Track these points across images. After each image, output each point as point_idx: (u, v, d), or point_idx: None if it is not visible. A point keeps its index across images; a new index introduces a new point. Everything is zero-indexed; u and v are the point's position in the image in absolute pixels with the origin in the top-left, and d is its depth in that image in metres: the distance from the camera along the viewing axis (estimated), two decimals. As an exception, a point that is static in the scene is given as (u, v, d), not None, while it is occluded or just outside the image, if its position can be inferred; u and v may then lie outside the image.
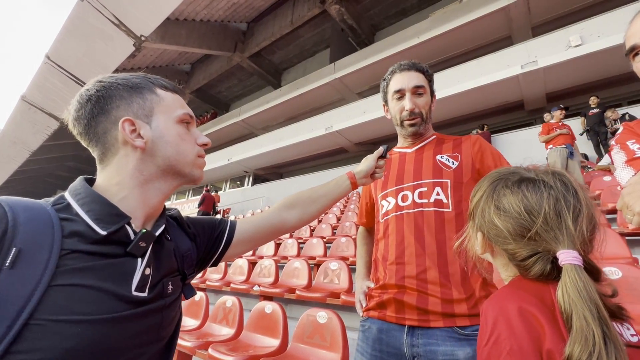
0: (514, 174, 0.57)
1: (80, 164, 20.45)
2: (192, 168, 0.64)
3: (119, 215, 0.54)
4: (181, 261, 0.66)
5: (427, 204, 0.96)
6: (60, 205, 0.53)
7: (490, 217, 0.56)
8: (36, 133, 12.45)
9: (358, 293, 1.09)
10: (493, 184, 0.58)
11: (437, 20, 9.80)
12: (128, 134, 0.57)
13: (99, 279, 0.49)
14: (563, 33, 7.19)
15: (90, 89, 0.58)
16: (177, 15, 11.43)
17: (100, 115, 0.57)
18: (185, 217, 0.74)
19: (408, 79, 1.06)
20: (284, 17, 12.58)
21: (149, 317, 0.55)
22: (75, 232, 0.50)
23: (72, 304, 0.45)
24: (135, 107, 0.59)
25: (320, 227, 5.67)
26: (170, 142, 0.61)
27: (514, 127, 9.25)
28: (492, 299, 0.52)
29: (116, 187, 0.57)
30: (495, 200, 0.56)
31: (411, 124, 1.06)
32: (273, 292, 3.09)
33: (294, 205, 0.86)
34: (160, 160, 0.60)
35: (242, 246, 0.79)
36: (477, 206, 0.60)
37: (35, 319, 0.43)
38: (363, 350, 0.95)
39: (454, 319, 0.84)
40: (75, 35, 8.20)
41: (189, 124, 0.65)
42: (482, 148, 1.02)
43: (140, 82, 0.61)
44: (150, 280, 0.56)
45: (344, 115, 11.14)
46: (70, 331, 0.45)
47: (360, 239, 1.29)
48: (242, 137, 16.30)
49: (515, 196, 0.53)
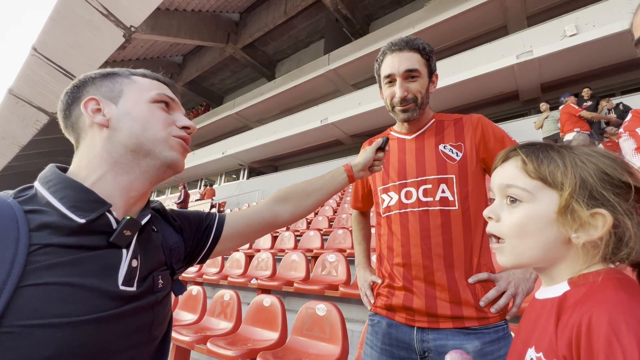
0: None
1: (71, 159, 20.06)
2: (164, 148, 0.57)
3: (97, 202, 0.49)
4: (169, 255, 0.62)
5: (432, 202, 0.92)
6: (23, 197, 0.47)
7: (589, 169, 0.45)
8: (25, 127, 12.18)
9: (362, 285, 1.07)
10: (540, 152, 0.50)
11: (432, 10, 9.70)
12: (90, 113, 0.55)
13: (79, 275, 0.44)
14: (558, 22, 7.17)
15: (73, 83, 0.58)
16: (167, 5, 11.17)
17: (73, 104, 0.57)
18: (169, 209, 0.70)
19: (399, 62, 0.94)
20: (277, 7, 12.36)
21: (140, 314, 0.50)
22: (46, 224, 0.44)
23: (48, 306, 0.40)
24: (104, 90, 0.57)
25: (317, 219, 5.67)
26: (138, 119, 0.56)
27: (508, 117, 9.27)
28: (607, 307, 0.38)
29: (85, 170, 0.53)
30: (569, 156, 0.47)
31: (403, 110, 0.96)
32: (271, 285, 3.09)
33: (288, 199, 0.82)
34: (126, 138, 0.55)
35: (233, 241, 0.74)
36: (570, 183, 0.45)
37: (3, 327, 0.38)
38: (372, 344, 0.94)
39: (463, 321, 0.84)
40: (62, 27, 7.98)
41: (168, 106, 0.61)
42: (484, 132, 0.96)
43: (117, 71, 0.60)
44: (138, 273, 0.51)
45: (339, 107, 11.06)
46: (48, 337, 0.39)
47: (355, 223, 1.25)
48: (237, 130, 16.13)
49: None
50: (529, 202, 0.48)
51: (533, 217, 0.48)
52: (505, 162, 0.53)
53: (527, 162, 0.49)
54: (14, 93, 10.40)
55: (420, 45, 0.96)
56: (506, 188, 0.51)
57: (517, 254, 0.49)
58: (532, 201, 0.48)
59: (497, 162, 0.55)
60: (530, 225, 0.48)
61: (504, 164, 0.54)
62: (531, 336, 0.48)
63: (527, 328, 0.51)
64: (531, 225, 0.48)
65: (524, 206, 0.49)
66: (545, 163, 0.48)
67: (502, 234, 0.50)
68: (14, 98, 10.57)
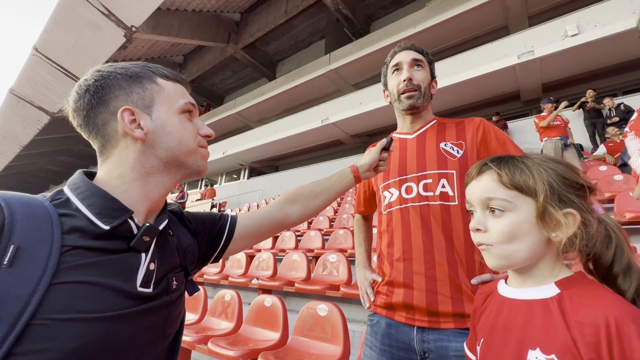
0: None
1: (72, 159, 20.17)
2: (196, 159, 0.62)
3: (121, 209, 0.52)
4: (184, 257, 0.65)
5: (432, 197, 0.93)
6: (58, 201, 0.51)
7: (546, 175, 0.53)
8: (26, 127, 12.22)
9: (362, 284, 1.07)
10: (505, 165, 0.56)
11: (433, 9, 9.69)
12: (127, 125, 0.55)
13: (102, 275, 0.47)
14: (560, 22, 7.15)
15: (89, 79, 0.56)
16: (168, 5, 11.17)
17: (99, 106, 0.55)
18: (186, 212, 0.72)
19: (407, 55, 1.06)
20: (278, 6, 12.35)
21: (155, 313, 0.54)
22: (76, 227, 0.48)
23: (76, 302, 0.44)
24: (135, 97, 0.57)
25: (318, 219, 5.66)
26: (172, 133, 0.59)
27: (509, 117, 9.26)
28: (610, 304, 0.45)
29: (117, 180, 0.56)
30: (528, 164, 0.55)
31: (408, 95, 1.02)
32: (272, 285, 3.08)
33: (297, 200, 0.85)
34: (162, 152, 0.58)
35: (244, 241, 0.77)
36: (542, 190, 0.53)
37: (37, 319, 0.41)
38: (372, 345, 0.93)
39: (465, 320, 0.83)
40: (64, 27, 7.99)
41: (191, 113, 0.63)
42: (485, 133, 0.98)
43: (140, 71, 0.59)
44: (155, 275, 0.55)
45: (340, 107, 11.05)
46: (76, 330, 0.43)
47: (357, 226, 1.27)
48: (237, 129, 16.14)
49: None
50: (511, 210, 0.53)
51: (518, 224, 0.52)
52: (480, 176, 0.58)
53: (502, 174, 0.54)
54: (15, 93, 10.42)
55: (423, 50, 1.09)
56: (487, 200, 0.55)
57: (505, 257, 0.53)
58: (514, 210, 0.53)
59: (470, 176, 0.60)
60: (517, 231, 0.52)
61: (480, 178, 0.58)
62: (528, 337, 0.50)
63: (514, 327, 0.52)
64: (517, 231, 0.52)
65: (508, 215, 0.53)
66: (517, 173, 0.54)
67: (492, 243, 0.54)
68: (15, 98, 10.59)
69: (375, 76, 11.64)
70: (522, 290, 0.55)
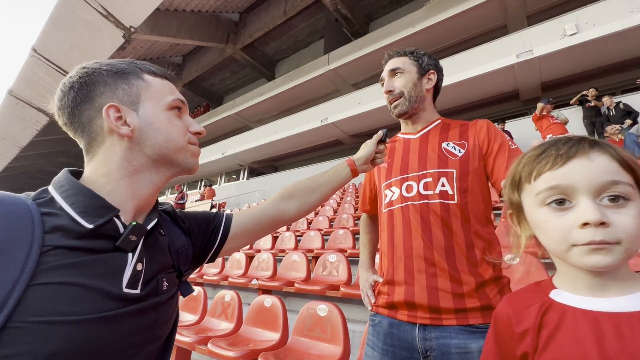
0: None
1: (71, 160, 20.12)
2: (185, 156, 0.61)
3: (106, 208, 0.50)
4: (176, 257, 0.63)
5: (432, 195, 0.93)
6: (42, 200, 0.49)
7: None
8: (25, 128, 12.20)
9: (364, 286, 1.07)
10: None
11: (432, 9, 9.69)
12: (113, 122, 0.53)
13: (85, 276, 0.45)
14: (558, 22, 7.16)
15: (73, 76, 0.54)
16: (167, 5, 11.16)
17: (83, 103, 0.54)
18: (179, 211, 0.71)
19: (386, 67, 1.11)
20: (276, 7, 12.35)
21: (143, 315, 0.52)
22: (58, 226, 0.46)
23: (56, 304, 0.42)
24: (121, 94, 0.55)
25: (318, 219, 5.66)
26: (160, 130, 0.57)
27: (508, 117, 9.27)
28: None
29: (104, 178, 0.54)
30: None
31: (394, 105, 1.07)
32: (272, 285, 3.08)
33: (293, 196, 0.83)
34: (150, 149, 0.56)
35: (240, 240, 0.76)
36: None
37: (14, 322, 0.39)
38: (374, 345, 0.93)
39: (467, 316, 0.82)
40: (62, 27, 7.98)
41: (180, 110, 0.62)
42: (489, 133, 0.98)
43: (125, 68, 0.57)
44: (143, 276, 0.53)
45: (339, 107, 11.05)
46: (55, 333, 0.41)
47: (363, 226, 1.27)
48: (236, 130, 16.13)
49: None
50: (633, 199, 0.42)
51: None
52: (592, 153, 0.44)
53: (617, 153, 0.43)
54: (14, 94, 10.40)
55: (408, 50, 1.10)
56: (610, 185, 0.42)
57: (628, 256, 0.43)
58: (636, 198, 0.42)
59: (571, 153, 0.45)
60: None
61: (591, 155, 0.44)
62: None
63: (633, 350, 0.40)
64: None
65: (633, 205, 0.42)
66: (623, 153, 0.43)
67: (621, 239, 0.41)
68: (13, 99, 10.58)
69: (374, 76, 11.64)
70: (614, 300, 0.44)
